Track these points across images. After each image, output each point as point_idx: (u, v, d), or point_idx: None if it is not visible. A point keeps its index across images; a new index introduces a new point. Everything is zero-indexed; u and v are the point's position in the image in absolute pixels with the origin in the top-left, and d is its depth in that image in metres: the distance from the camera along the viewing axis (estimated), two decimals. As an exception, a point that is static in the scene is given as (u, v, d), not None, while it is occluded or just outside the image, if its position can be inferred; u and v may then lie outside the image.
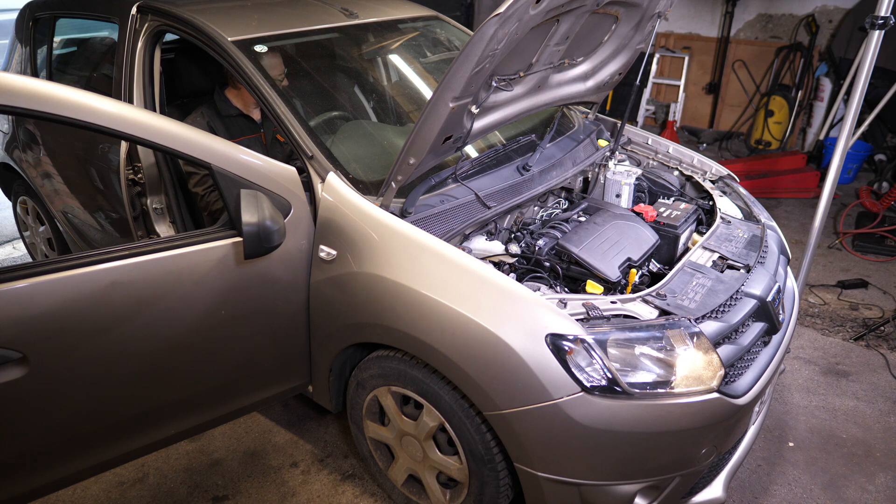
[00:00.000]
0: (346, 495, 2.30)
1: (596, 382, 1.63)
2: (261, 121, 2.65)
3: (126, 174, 2.31)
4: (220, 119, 2.54)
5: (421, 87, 2.73)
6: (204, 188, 2.43)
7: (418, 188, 2.00)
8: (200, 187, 2.43)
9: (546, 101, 2.39)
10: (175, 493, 2.32)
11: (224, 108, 2.57)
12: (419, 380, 1.89)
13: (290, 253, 1.95)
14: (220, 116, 2.54)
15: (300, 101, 2.24)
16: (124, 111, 1.63)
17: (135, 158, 2.30)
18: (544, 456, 1.71)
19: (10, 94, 1.46)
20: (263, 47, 2.28)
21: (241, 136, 2.55)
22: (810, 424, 2.66)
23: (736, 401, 1.75)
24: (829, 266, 4.02)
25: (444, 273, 1.77)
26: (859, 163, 5.35)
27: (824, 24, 5.80)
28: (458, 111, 1.77)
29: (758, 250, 2.17)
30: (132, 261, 1.68)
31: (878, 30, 2.43)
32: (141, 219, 2.43)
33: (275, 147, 2.68)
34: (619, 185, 2.59)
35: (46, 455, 1.74)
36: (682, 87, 6.32)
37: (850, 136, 2.64)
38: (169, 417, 1.95)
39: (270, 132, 2.66)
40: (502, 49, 1.69)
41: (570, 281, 2.08)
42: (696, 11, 6.42)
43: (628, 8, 2.22)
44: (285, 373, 2.19)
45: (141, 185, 2.34)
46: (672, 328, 1.70)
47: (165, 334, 1.80)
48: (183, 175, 2.43)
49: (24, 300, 1.53)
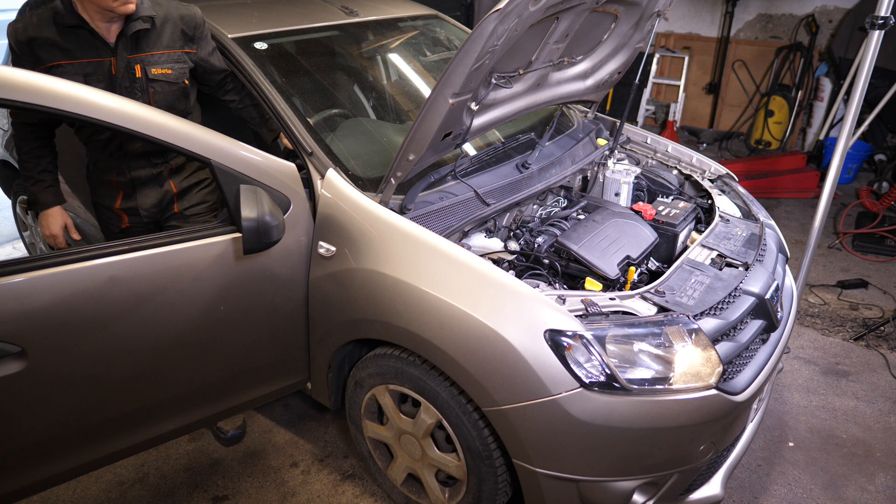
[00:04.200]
0: (346, 495, 2.30)
1: (594, 378, 1.63)
2: (115, 44, 1.92)
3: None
4: (56, 28, 1.87)
5: (420, 85, 2.74)
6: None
7: (417, 185, 2.01)
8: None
9: (545, 99, 2.40)
10: (175, 493, 2.31)
11: (61, 13, 1.86)
12: (416, 377, 1.89)
13: (289, 249, 1.95)
14: (56, 24, 1.87)
15: (300, 98, 2.24)
16: (123, 106, 1.64)
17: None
18: (542, 452, 1.70)
19: (9, 88, 1.47)
20: (263, 44, 2.29)
21: (82, 57, 1.89)
22: (810, 424, 2.66)
23: (734, 398, 1.75)
24: (829, 266, 4.02)
25: (442, 269, 1.77)
26: (859, 163, 5.35)
27: (824, 24, 5.81)
28: (457, 107, 1.77)
29: (756, 248, 2.17)
30: (131, 256, 1.68)
31: (878, 30, 2.43)
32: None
33: (127, 83, 1.96)
34: (619, 183, 2.59)
35: (45, 450, 1.74)
36: (682, 87, 6.33)
37: (850, 136, 2.64)
38: (168, 413, 1.95)
39: (125, 62, 1.94)
40: (502, 46, 1.69)
41: (569, 278, 2.08)
42: (696, 11, 6.43)
43: (628, 6, 2.22)
44: (284, 369, 2.19)
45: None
46: (670, 325, 1.70)
47: (164, 330, 1.80)
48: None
49: (23, 294, 1.54)
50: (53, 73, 1.83)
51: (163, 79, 2.00)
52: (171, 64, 2.01)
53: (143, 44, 1.97)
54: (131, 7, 1.87)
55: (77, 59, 1.90)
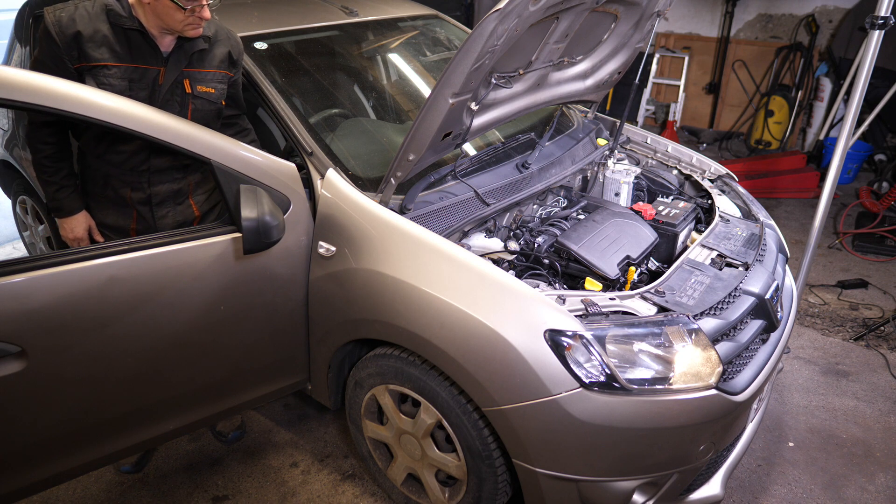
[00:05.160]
0: (346, 495, 2.30)
1: (594, 378, 1.63)
2: (168, 54, 1.87)
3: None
4: (110, 27, 1.79)
5: (420, 85, 2.74)
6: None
7: (417, 185, 2.01)
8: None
9: (545, 99, 2.40)
10: (175, 493, 2.31)
11: (118, 13, 1.79)
12: (416, 377, 1.89)
13: (289, 249, 1.95)
14: (110, 23, 1.79)
15: (300, 98, 2.24)
16: (123, 105, 1.63)
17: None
18: (542, 452, 1.70)
19: (9, 88, 1.47)
20: (263, 44, 2.29)
21: (132, 62, 1.82)
22: (810, 424, 2.66)
23: (734, 397, 1.75)
24: (829, 266, 4.02)
25: (442, 269, 1.77)
26: (859, 163, 5.36)
27: (824, 24, 5.81)
28: (457, 107, 1.77)
29: (756, 248, 2.17)
30: (131, 255, 1.68)
31: (878, 30, 2.43)
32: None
33: (173, 97, 1.92)
34: (618, 183, 2.59)
35: (45, 449, 1.74)
36: (682, 87, 6.33)
37: (850, 136, 2.64)
38: (168, 413, 1.95)
39: (175, 75, 1.88)
40: (502, 45, 1.70)
41: (569, 278, 2.08)
42: (696, 11, 6.43)
43: (628, 6, 2.22)
44: (284, 369, 2.19)
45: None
46: (670, 325, 1.70)
47: (164, 330, 1.80)
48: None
49: (23, 294, 1.53)
50: (98, 73, 1.78)
51: (205, 97, 1.95)
52: (215, 83, 1.96)
53: (196, 60, 1.92)
54: (199, 32, 1.83)
55: (126, 63, 1.81)
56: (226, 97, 2.03)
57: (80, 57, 1.77)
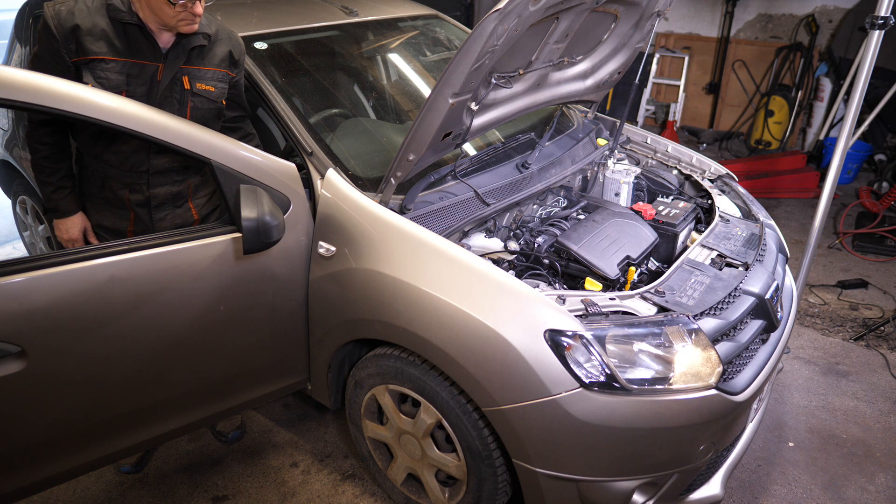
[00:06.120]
0: (346, 495, 2.30)
1: (594, 378, 1.63)
2: (167, 50, 1.87)
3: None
4: (109, 21, 1.79)
5: (420, 85, 2.74)
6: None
7: (417, 185, 2.01)
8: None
9: (545, 99, 2.40)
10: (175, 493, 2.31)
11: (118, 8, 1.79)
12: (416, 377, 1.89)
13: (289, 249, 1.95)
14: (110, 17, 1.80)
15: (300, 98, 2.24)
16: (123, 105, 1.63)
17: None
18: (542, 452, 1.70)
19: (9, 88, 1.46)
20: (263, 44, 2.29)
21: (130, 57, 1.82)
22: (810, 424, 2.66)
23: (734, 397, 1.75)
24: (829, 266, 4.02)
25: (442, 269, 1.77)
26: (859, 163, 5.35)
27: (824, 24, 5.81)
28: (457, 107, 1.77)
29: (756, 248, 2.17)
30: (131, 255, 1.68)
31: (878, 30, 2.43)
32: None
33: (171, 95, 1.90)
34: (618, 183, 2.59)
35: (44, 449, 1.74)
36: (682, 87, 6.33)
37: (850, 136, 2.64)
38: (168, 413, 1.95)
39: (173, 71, 1.87)
40: (502, 45, 1.70)
41: (569, 278, 2.08)
42: (696, 11, 6.43)
43: (628, 6, 2.22)
44: (284, 369, 2.19)
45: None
46: (670, 325, 1.70)
47: (164, 330, 1.80)
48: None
49: (22, 294, 1.53)
50: (95, 67, 1.77)
51: (205, 94, 1.94)
52: (215, 82, 1.95)
53: (195, 57, 1.92)
54: (194, 28, 1.83)
55: (125, 58, 1.81)
56: (228, 99, 2.02)
57: (79, 50, 1.77)
